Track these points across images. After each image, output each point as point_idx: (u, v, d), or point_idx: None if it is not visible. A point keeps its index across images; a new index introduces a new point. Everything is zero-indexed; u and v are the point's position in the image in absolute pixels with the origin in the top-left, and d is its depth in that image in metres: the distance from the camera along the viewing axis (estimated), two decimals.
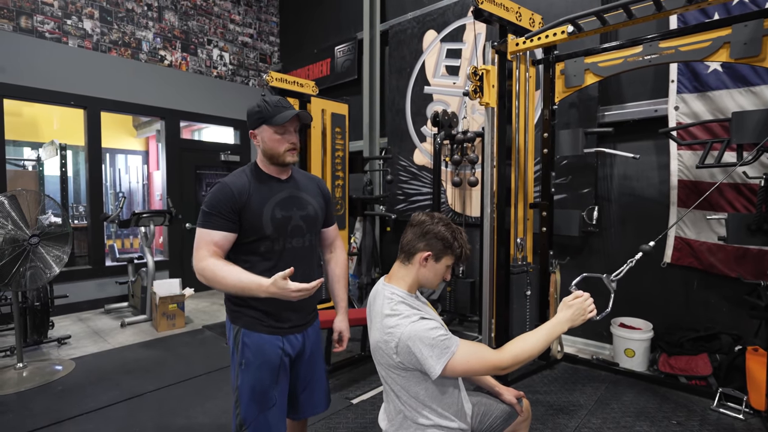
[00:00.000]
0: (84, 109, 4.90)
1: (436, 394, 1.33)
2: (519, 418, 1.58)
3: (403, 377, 1.31)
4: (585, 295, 1.35)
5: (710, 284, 3.02)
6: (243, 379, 1.42)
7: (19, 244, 2.97)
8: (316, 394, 1.60)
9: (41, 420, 2.48)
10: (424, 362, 1.23)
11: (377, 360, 1.38)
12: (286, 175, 1.52)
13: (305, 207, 1.52)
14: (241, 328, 1.44)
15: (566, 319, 1.32)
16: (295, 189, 1.52)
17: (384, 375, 1.38)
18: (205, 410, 2.60)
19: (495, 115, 2.81)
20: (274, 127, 1.42)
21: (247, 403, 1.42)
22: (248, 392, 1.42)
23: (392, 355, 1.28)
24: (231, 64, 6.25)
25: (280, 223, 1.43)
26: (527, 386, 2.84)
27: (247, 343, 1.43)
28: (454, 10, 4.31)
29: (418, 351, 1.23)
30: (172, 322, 4.18)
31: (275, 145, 1.44)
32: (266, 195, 1.45)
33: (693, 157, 2.95)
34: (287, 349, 1.47)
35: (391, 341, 1.27)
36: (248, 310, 1.44)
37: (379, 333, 1.32)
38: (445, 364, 1.22)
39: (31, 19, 4.54)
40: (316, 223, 1.56)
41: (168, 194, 5.51)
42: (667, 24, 3.00)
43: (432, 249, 1.36)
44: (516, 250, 2.98)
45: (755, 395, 2.40)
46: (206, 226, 1.39)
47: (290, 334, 1.48)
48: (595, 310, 1.34)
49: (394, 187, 4.84)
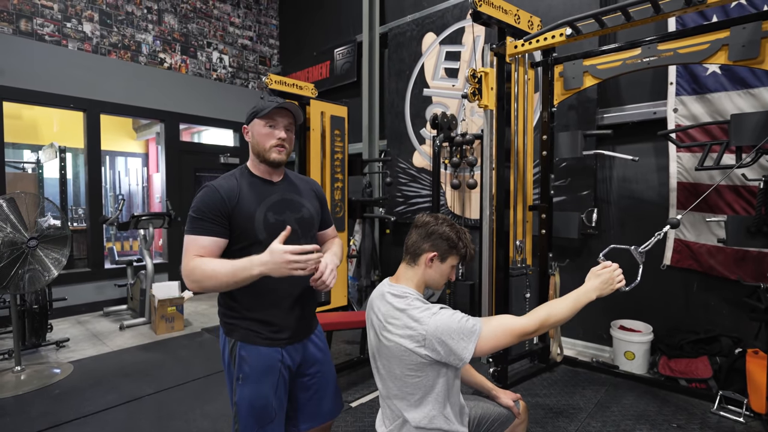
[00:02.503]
0: (83, 111, 4.90)
1: (446, 393, 1.33)
2: (516, 421, 1.58)
3: (420, 377, 1.29)
4: (614, 265, 1.34)
5: (710, 286, 3.01)
6: (241, 394, 1.36)
7: (18, 247, 2.97)
8: (325, 402, 1.52)
9: (39, 424, 2.47)
10: (456, 348, 1.22)
11: (388, 364, 1.33)
12: (278, 177, 1.46)
13: (299, 210, 1.45)
14: (237, 341, 1.37)
15: (594, 288, 1.31)
16: (287, 191, 1.46)
17: (391, 385, 1.34)
18: (204, 413, 2.59)
19: (494, 118, 2.81)
20: (264, 119, 1.38)
21: (245, 419, 1.36)
22: (246, 408, 1.35)
23: (418, 349, 1.25)
24: (230, 67, 6.26)
25: (273, 228, 1.35)
26: (527, 389, 2.83)
27: (243, 356, 1.36)
28: (453, 13, 4.32)
29: (448, 338, 1.22)
30: (171, 324, 4.17)
31: (262, 140, 1.39)
32: (257, 198, 1.38)
33: (692, 159, 2.95)
34: (287, 362, 1.40)
35: (418, 334, 1.25)
36: (243, 322, 1.37)
37: (399, 330, 1.28)
38: (476, 345, 1.22)
39: (30, 22, 4.55)
40: (311, 227, 1.50)
41: (167, 197, 5.51)
42: (665, 26, 3.00)
43: (437, 249, 1.36)
44: (515, 252, 2.97)
45: (755, 398, 2.40)
46: (194, 232, 1.32)
47: (289, 345, 1.41)
48: (623, 280, 1.33)
49: (393, 190, 4.84)
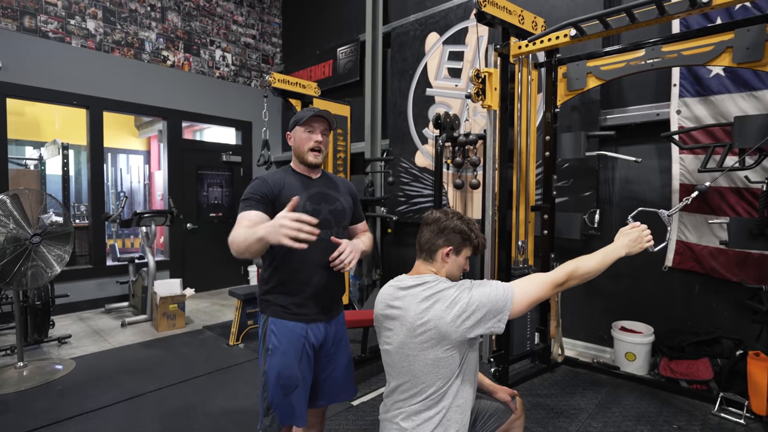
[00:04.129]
0: (86, 108, 4.91)
1: (471, 369, 1.37)
2: (512, 416, 1.59)
3: (450, 353, 1.29)
4: (642, 225, 1.38)
5: (712, 288, 3.01)
6: (270, 364, 1.53)
7: (21, 243, 2.98)
8: (339, 382, 1.67)
9: (41, 419, 2.48)
10: (501, 307, 1.26)
11: (420, 349, 1.30)
12: (316, 175, 1.67)
13: (334, 202, 1.64)
14: (269, 317, 1.57)
15: (623, 245, 1.35)
16: (324, 186, 1.66)
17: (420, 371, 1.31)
18: (205, 411, 2.59)
19: (497, 118, 2.81)
20: (303, 126, 1.60)
21: (273, 387, 1.52)
22: (274, 377, 1.51)
23: (463, 322, 1.25)
24: (233, 65, 6.27)
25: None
26: (528, 389, 2.84)
27: (273, 330, 1.54)
28: (457, 13, 4.32)
29: (490, 302, 1.26)
30: (173, 322, 4.18)
31: (301, 143, 1.60)
32: (298, 189, 1.58)
33: (695, 161, 2.95)
34: (310, 338, 1.56)
35: (462, 306, 1.27)
36: (277, 298, 1.56)
37: (441, 308, 1.27)
38: (510, 309, 1.27)
39: (34, 19, 4.55)
40: (343, 218, 1.67)
41: (169, 194, 5.52)
42: (669, 28, 3.00)
43: (452, 243, 1.40)
44: (517, 252, 2.98)
45: (756, 400, 2.40)
46: (243, 209, 1.49)
47: (313, 322, 1.58)
48: (652, 240, 1.37)
49: (395, 189, 4.84)
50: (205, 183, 6.06)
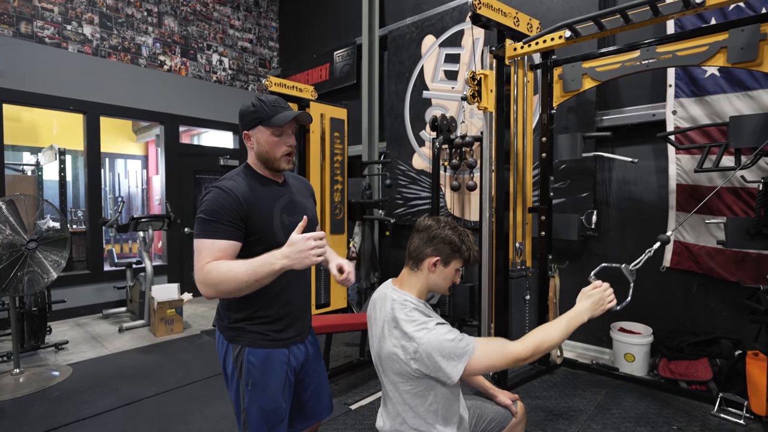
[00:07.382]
0: (83, 113, 4.90)
1: (443, 404, 1.32)
2: (514, 420, 1.58)
3: (412, 386, 1.29)
4: (604, 285, 1.33)
5: (710, 288, 3.01)
6: (250, 399, 1.35)
7: (17, 249, 2.96)
8: (322, 400, 1.56)
9: (37, 426, 2.46)
10: (446, 367, 1.21)
11: (385, 369, 1.35)
12: (280, 178, 1.46)
13: (304, 211, 1.45)
14: (245, 347, 1.36)
15: (586, 309, 1.30)
16: (292, 193, 1.47)
17: (389, 388, 1.36)
18: (203, 416, 2.58)
19: (493, 120, 2.82)
20: (272, 128, 1.33)
21: (257, 424, 1.36)
22: (257, 413, 1.35)
23: (409, 362, 1.25)
24: (230, 69, 6.27)
25: (288, 230, 1.31)
26: (527, 391, 2.83)
27: (252, 361, 1.35)
28: (453, 15, 4.33)
29: (438, 356, 1.21)
30: (171, 327, 4.16)
31: (271, 149, 1.35)
32: (271, 200, 1.38)
33: (691, 161, 2.96)
34: (292, 363, 1.42)
35: (410, 348, 1.24)
36: (252, 326, 1.36)
37: (394, 339, 1.29)
38: (465, 365, 1.20)
39: (31, 25, 4.55)
40: (314, 227, 1.50)
41: (167, 199, 5.50)
42: (664, 29, 3.01)
43: (440, 254, 1.33)
44: (515, 254, 2.97)
45: (756, 400, 2.39)
46: (208, 236, 1.25)
47: (293, 345, 1.43)
48: (614, 300, 1.32)
49: (393, 192, 4.84)
50: (203, 187, 6.06)
